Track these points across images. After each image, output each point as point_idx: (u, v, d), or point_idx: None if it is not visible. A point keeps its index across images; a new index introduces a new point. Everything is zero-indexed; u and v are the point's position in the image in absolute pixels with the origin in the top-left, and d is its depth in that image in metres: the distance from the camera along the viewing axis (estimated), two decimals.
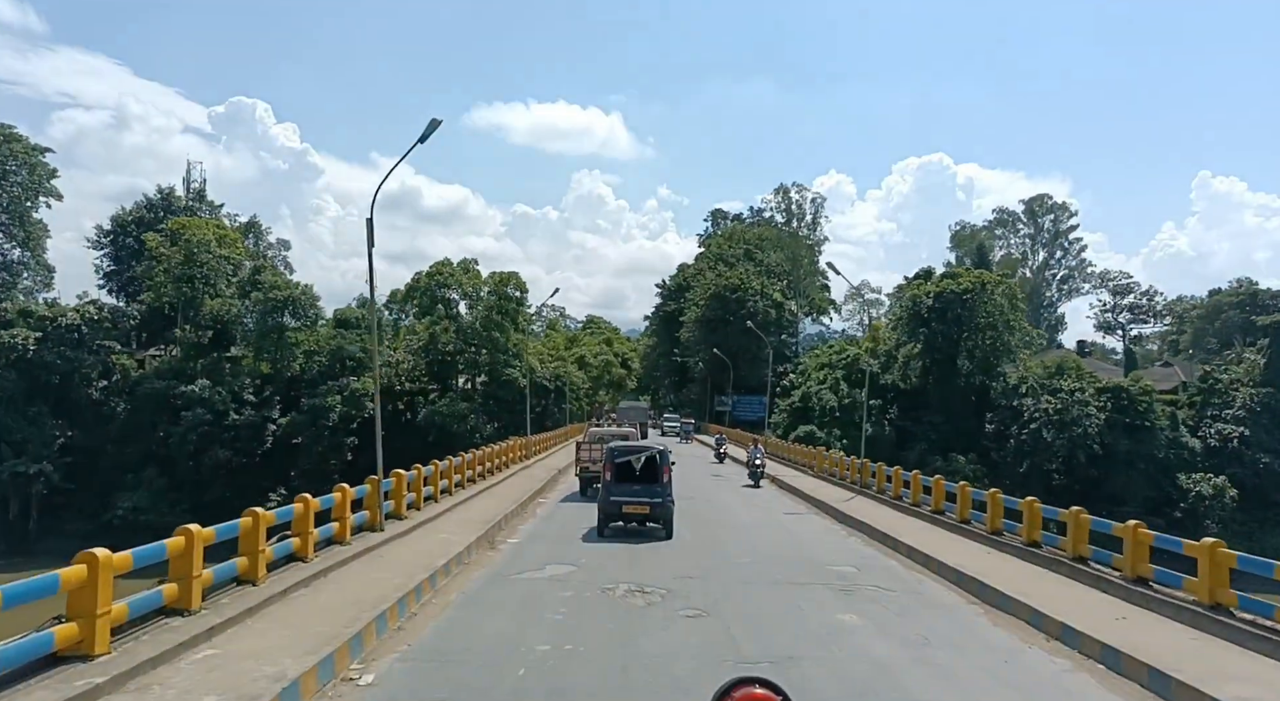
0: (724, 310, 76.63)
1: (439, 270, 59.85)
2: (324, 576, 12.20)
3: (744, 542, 18.55)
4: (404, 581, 12.01)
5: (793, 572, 15.07)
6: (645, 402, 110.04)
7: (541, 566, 14.97)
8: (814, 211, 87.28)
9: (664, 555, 16.38)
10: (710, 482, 32.43)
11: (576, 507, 24.38)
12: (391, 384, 63.55)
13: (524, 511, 22.39)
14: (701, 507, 24.29)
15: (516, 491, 25.03)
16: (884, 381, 72.01)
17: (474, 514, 19.65)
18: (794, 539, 19.45)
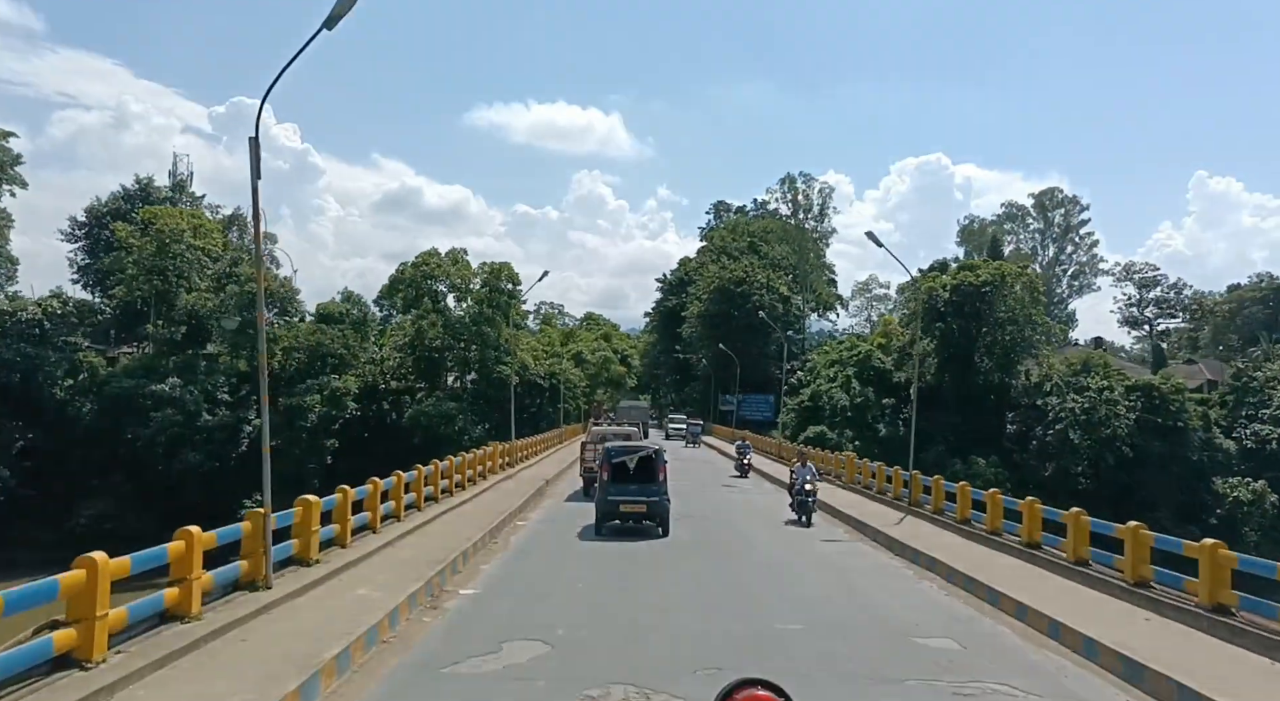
0: (728, 305, 71.54)
1: (425, 261, 54.75)
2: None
3: (782, 590, 13.36)
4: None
5: (868, 653, 10.01)
6: (645, 402, 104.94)
7: (496, 646, 9.71)
8: (821, 202, 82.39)
9: (680, 622, 11.12)
10: (732, 505, 25.87)
11: (564, 522, 20.41)
12: (376, 382, 58.23)
13: (494, 539, 17.13)
14: (726, 537, 19.46)
15: (489, 510, 19.91)
16: (897, 379, 66.85)
17: (421, 549, 14.52)
18: (849, 584, 14.28)
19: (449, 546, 14.97)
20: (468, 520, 18.75)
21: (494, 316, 56.53)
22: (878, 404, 64.86)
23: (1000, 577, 13.72)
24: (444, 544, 15.14)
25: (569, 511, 22.95)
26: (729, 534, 20.10)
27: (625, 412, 67.45)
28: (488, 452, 26.41)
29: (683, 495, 22.62)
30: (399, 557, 14.10)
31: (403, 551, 14.69)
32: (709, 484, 29.71)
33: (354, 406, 57.20)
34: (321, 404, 54.80)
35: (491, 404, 56.92)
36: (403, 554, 14.45)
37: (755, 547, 18.20)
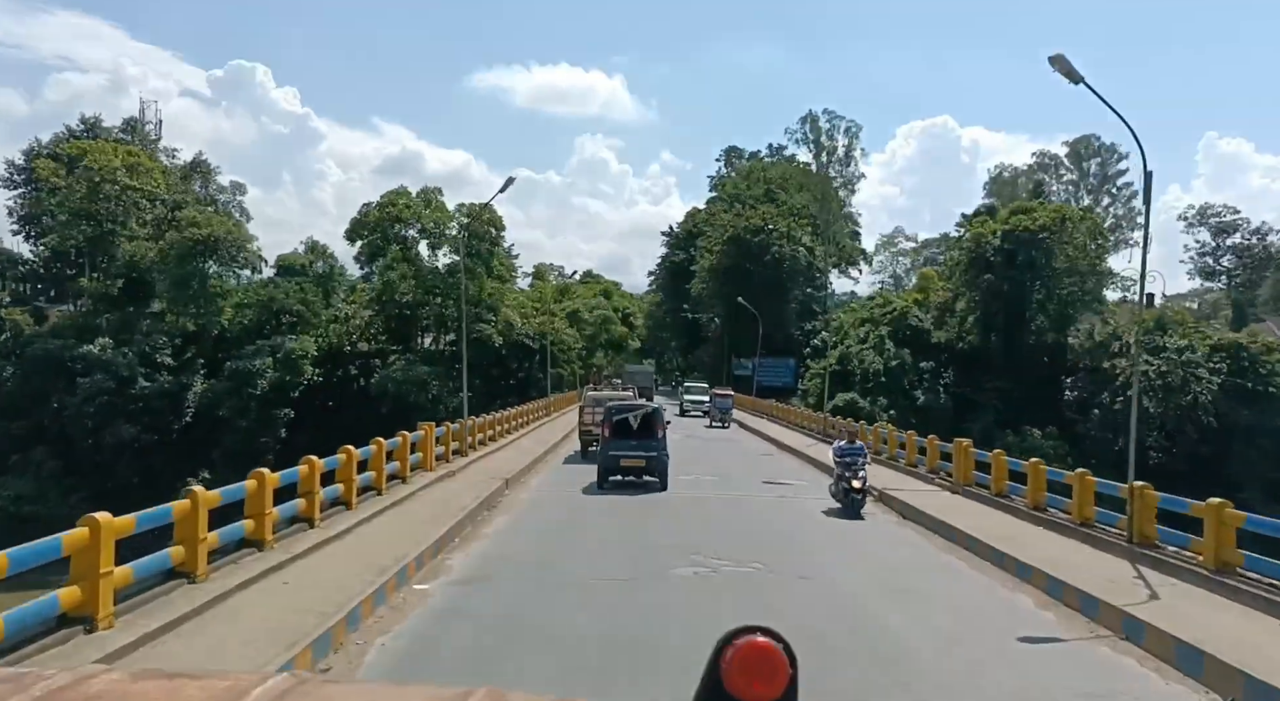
0: (744, 257, 63.83)
1: (392, 201, 47.02)
2: None
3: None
4: None
5: None
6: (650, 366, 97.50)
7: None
8: (847, 143, 73.99)
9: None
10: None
11: (538, 528, 14.73)
12: (340, 344, 50.69)
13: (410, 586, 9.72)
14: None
15: (416, 529, 12.18)
16: (937, 340, 59.26)
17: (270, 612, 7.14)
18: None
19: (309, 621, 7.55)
20: (363, 556, 11.20)
21: (474, 267, 48.81)
22: (914, 367, 57.36)
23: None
24: (293, 623, 7.72)
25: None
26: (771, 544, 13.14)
27: (629, 377, 61.74)
28: (422, 438, 18.51)
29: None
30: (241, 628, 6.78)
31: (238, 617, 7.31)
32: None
33: (314, 371, 49.81)
34: (274, 368, 47.32)
35: (472, 368, 49.34)
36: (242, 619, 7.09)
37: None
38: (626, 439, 19.41)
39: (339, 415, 51.92)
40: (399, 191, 47.35)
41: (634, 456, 19.14)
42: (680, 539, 12.77)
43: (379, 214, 46.16)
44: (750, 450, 31.02)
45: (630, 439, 19.41)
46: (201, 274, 49.80)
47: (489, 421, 26.27)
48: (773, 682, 1.25)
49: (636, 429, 19.54)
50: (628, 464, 19.12)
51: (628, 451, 19.16)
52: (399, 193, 47.30)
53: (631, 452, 19.16)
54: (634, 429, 19.53)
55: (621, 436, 19.43)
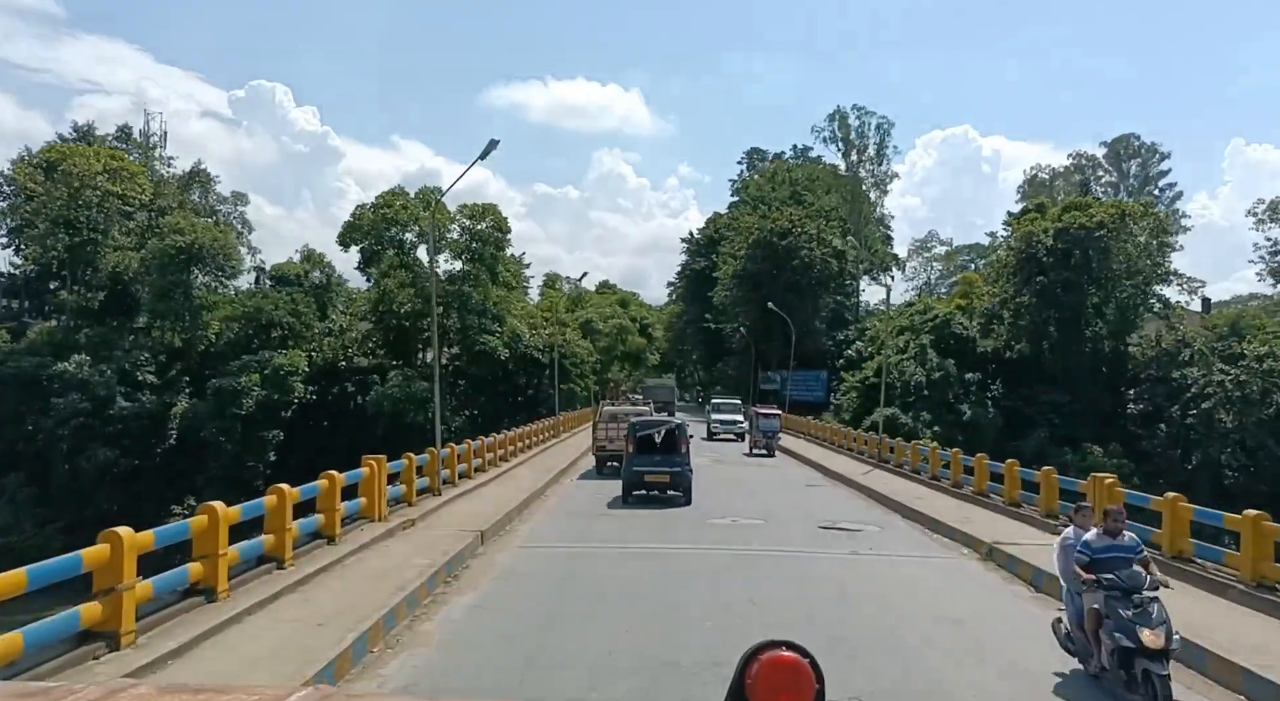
0: (770, 262, 59.55)
1: (388, 202, 43.05)
2: None
3: None
4: None
5: None
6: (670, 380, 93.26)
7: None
8: (879, 140, 69.44)
9: None
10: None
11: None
12: (335, 359, 46.75)
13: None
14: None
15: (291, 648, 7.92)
16: (983, 349, 54.66)
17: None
18: None
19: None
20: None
21: (478, 273, 44.87)
22: (960, 379, 52.71)
23: None
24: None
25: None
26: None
27: (650, 392, 59.19)
28: (364, 480, 14.12)
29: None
30: None
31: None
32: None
33: (306, 389, 45.93)
34: (261, 386, 43.48)
35: (475, 383, 45.45)
36: None
37: None
38: (650, 454, 19.74)
39: (334, 436, 48.15)
40: (395, 192, 43.59)
41: (658, 472, 19.36)
42: (726, 643, 7.95)
43: (373, 216, 42.37)
44: (792, 479, 26.09)
45: (654, 454, 19.78)
46: (185, 285, 46.15)
47: (480, 447, 22.05)
48: (799, 697, 1.23)
49: (660, 445, 20.06)
50: (652, 479, 19.36)
51: (651, 467, 19.41)
52: (395, 193, 43.52)
53: (655, 468, 19.40)
54: (657, 445, 20.02)
55: (645, 452, 19.75)
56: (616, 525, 15.88)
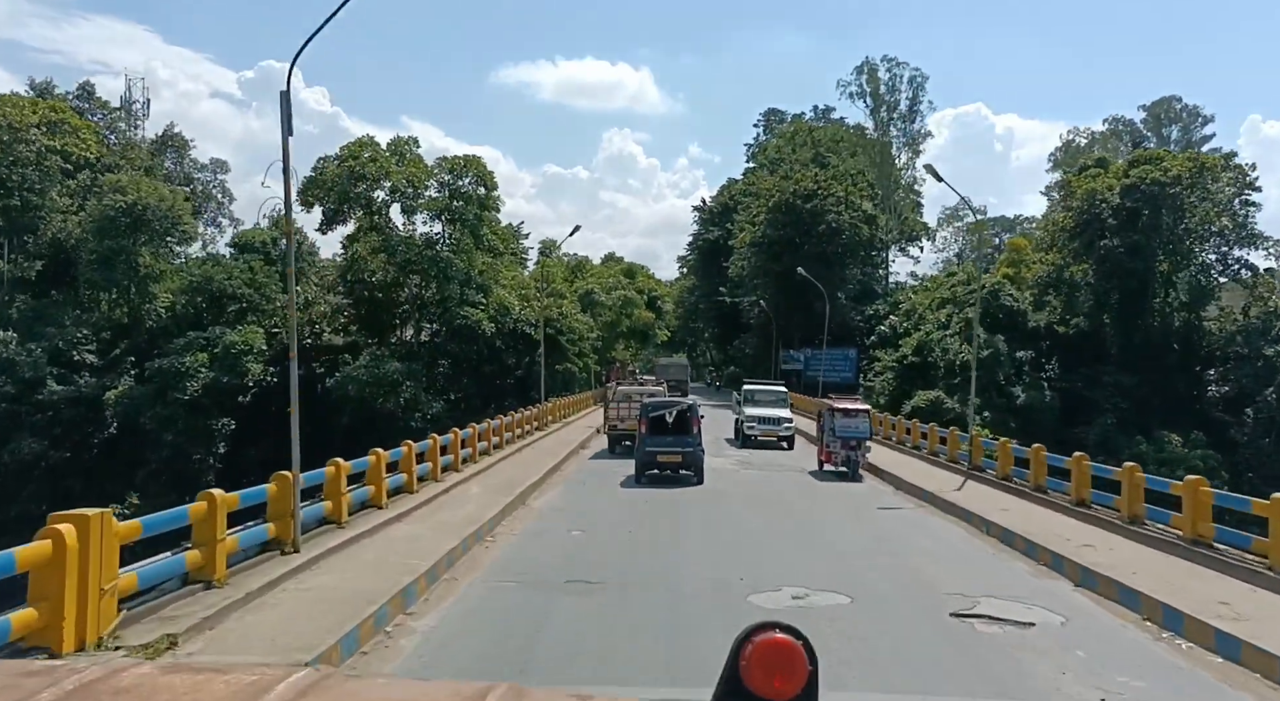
0: (793, 228, 53.25)
1: (353, 154, 36.65)
2: None
3: None
4: None
5: None
6: (683, 358, 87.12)
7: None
8: (911, 95, 62.74)
9: None
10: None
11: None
12: (302, 335, 40.45)
13: None
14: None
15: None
16: (1035, 323, 48.29)
17: None
18: None
19: None
20: None
21: (459, 236, 38.66)
22: (1011, 358, 46.32)
23: None
24: None
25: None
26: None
27: (662, 371, 56.03)
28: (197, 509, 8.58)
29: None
30: None
31: None
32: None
33: (265, 370, 39.91)
34: (210, 368, 37.51)
35: (456, 364, 39.35)
36: None
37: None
38: (663, 435, 19.85)
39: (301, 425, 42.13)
40: (363, 141, 37.32)
41: (670, 452, 19.59)
42: None
43: (338, 170, 36.22)
44: (857, 497, 18.06)
45: (666, 435, 19.85)
46: (127, 251, 40.11)
47: (430, 450, 15.88)
48: (792, 679, 1.24)
49: (672, 425, 19.99)
50: (664, 459, 19.60)
51: (664, 447, 19.63)
52: (363, 143, 37.26)
53: (668, 448, 19.62)
54: (669, 425, 19.98)
55: (658, 432, 19.86)
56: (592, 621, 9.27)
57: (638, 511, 15.05)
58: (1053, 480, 17.36)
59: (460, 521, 12.37)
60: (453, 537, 11.07)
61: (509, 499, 14.43)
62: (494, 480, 16.96)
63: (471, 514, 12.87)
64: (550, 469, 19.59)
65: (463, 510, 13.31)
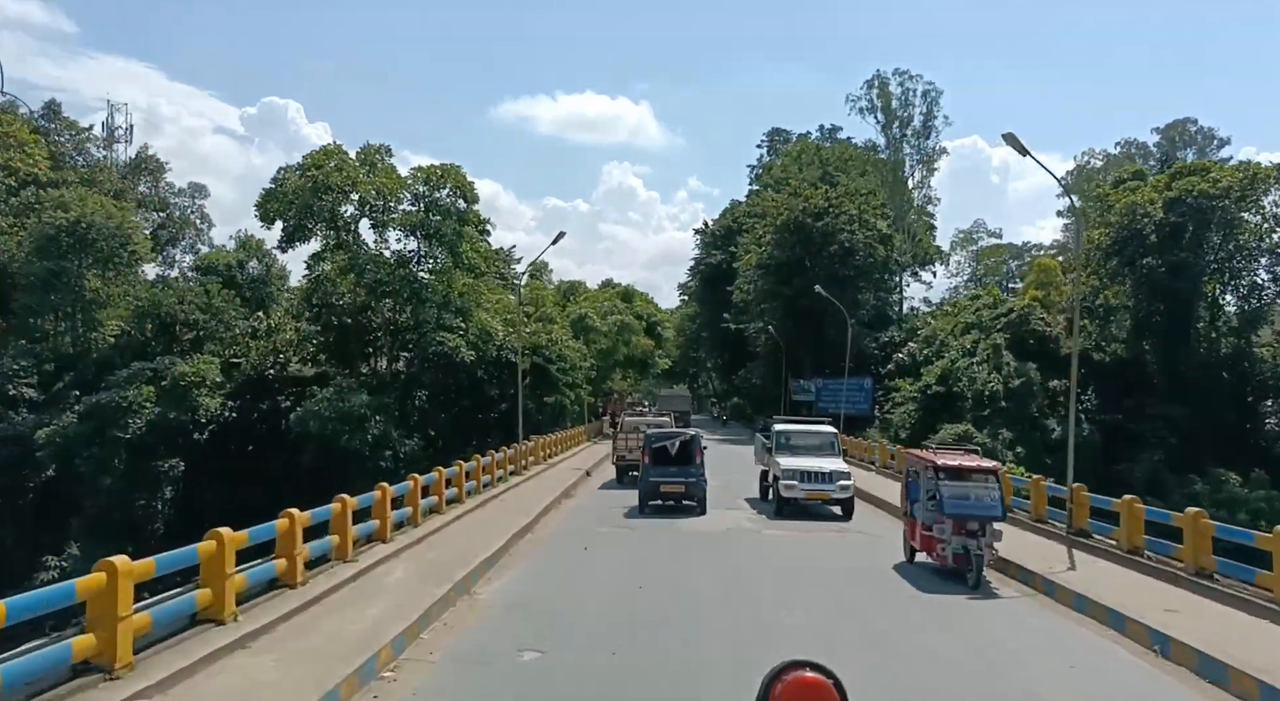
0: (803, 247, 49.55)
1: (318, 163, 32.81)
2: None
3: None
4: None
5: None
6: (684, 389, 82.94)
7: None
8: (925, 110, 59.23)
9: None
10: None
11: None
12: (262, 367, 36.73)
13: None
14: None
15: None
16: (1068, 350, 43.99)
17: None
18: None
19: None
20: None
21: (436, 254, 34.74)
22: (1043, 387, 42.23)
23: None
24: None
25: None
26: None
27: (665, 402, 55.70)
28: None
29: None
30: None
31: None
32: None
33: (223, 405, 35.91)
34: (157, 403, 33.45)
35: (433, 397, 35.26)
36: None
37: None
38: (666, 466, 19.92)
39: (260, 465, 38.19)
40: (329, 149, 33.51)
41: (674, 482, 19.70)
42: None
43: (300, 181, 32.40)
44: (995, 634, 10.33)
45: (670, 465, 19.91)
46: (70, 274, 36.18)
47: (336, 518, 11.51)
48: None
49: (675, 455, 20.00)
50: (668, 489, 19.73)
51: (668, 477, 19.73)
52: (329, 151, 33.42)
53: (671, 478, 19.71)
54: (673, 455, 19.99)
55: (661, 463, 19.93)
56: None
57: (632, 617, 10.23)
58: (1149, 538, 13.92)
59: (347, 643, 8.12)
60: (312, 690, 6.79)
61: (442, 591, 10.19)
62: (434, 554, 12.68)
63: (365, 632, 8.54)
64: (518, 532, 15.34)
65: (359, 621, 9.00)
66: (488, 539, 13.91)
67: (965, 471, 13.16)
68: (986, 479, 13.15)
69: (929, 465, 13.49)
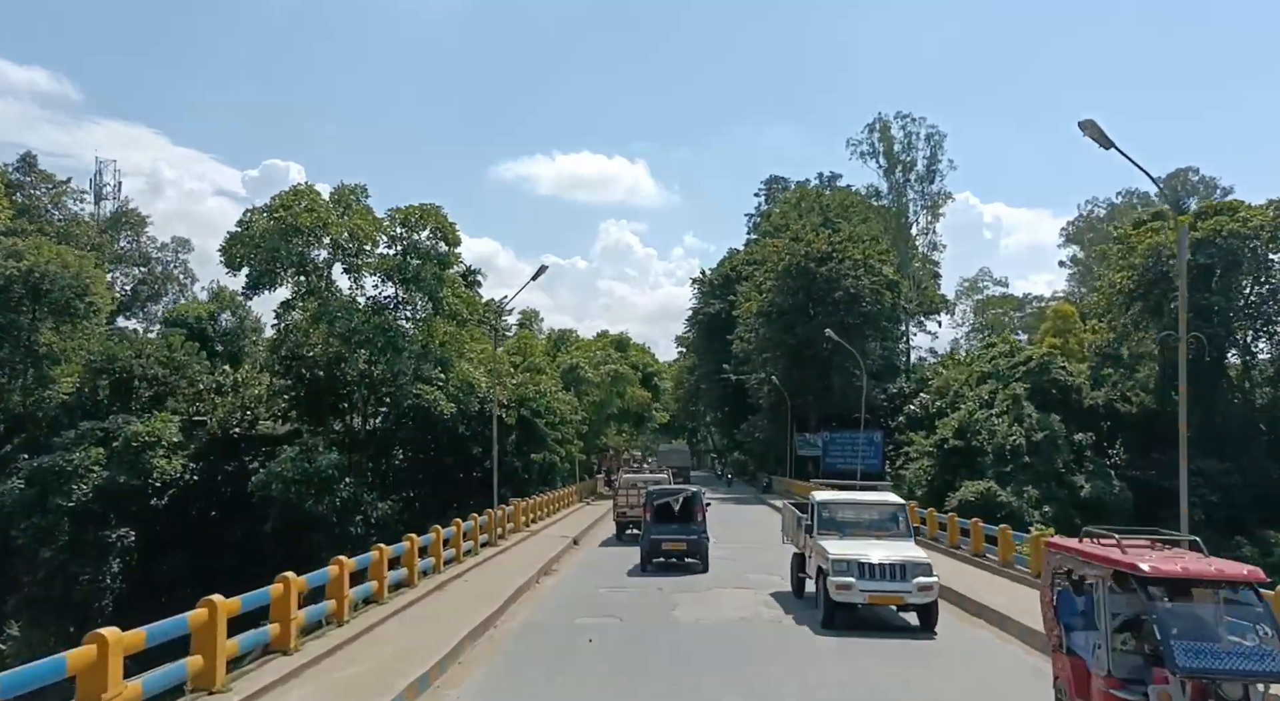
0: (806, 293, 47.15)
1: (287, 204, 30.48)
2: None
3: None
4: None
5: None
6: (683, 444, 79.97)
7: None
8: (929, 153, 57.42)
9: None
10: None
11: None
12: (228, 425, 33.92)
13: None
14: None
15: None
16: (1091, 402, 41.55)
17: None
18: None
19: None
20: None
21: (415, 299, 32.24)
22: (1068, 440, 39.44)
23: None
24: None
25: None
26: None
27: (664, 457, 55.15)
28: None
29: None
30: None
31: None
32: None
33: (182, 467, 33.01)
34: (107, 467, 30.54)
35: (412, 456, 32.45)
36: None
37: None
38: (668, 523, 19.99)
39: (224, 531, 35.16)
40: (298, 190, 31.18)
41: (676, 539, 19.60)
42: None
43: (267, 224, 30.05)
44: None
45: (672, 522, 20.00)
46: (21, 327, 33.57)
47: (198, 626, 8.62)
48: None
49: (678, 513, 20.19)
50: (670, 547, 19.60)
51: (670, 535, 19.66)
52: (299, 191, 31.10)
53: (673, 536, 19.64)
54: (675, 513, 20.19)
55: (663, 520, 20.03)
56: None
57: None
58: None
59: None
60: None
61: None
62: (352, 669, 9.68)
63: None
64: (475, 629, 12.29)
65: None
66: (430, 641, 10.95)
67: (1200, 584, 7.06)
68: (1239, 593, 6.94)
69: (1111, 567, 7.29)
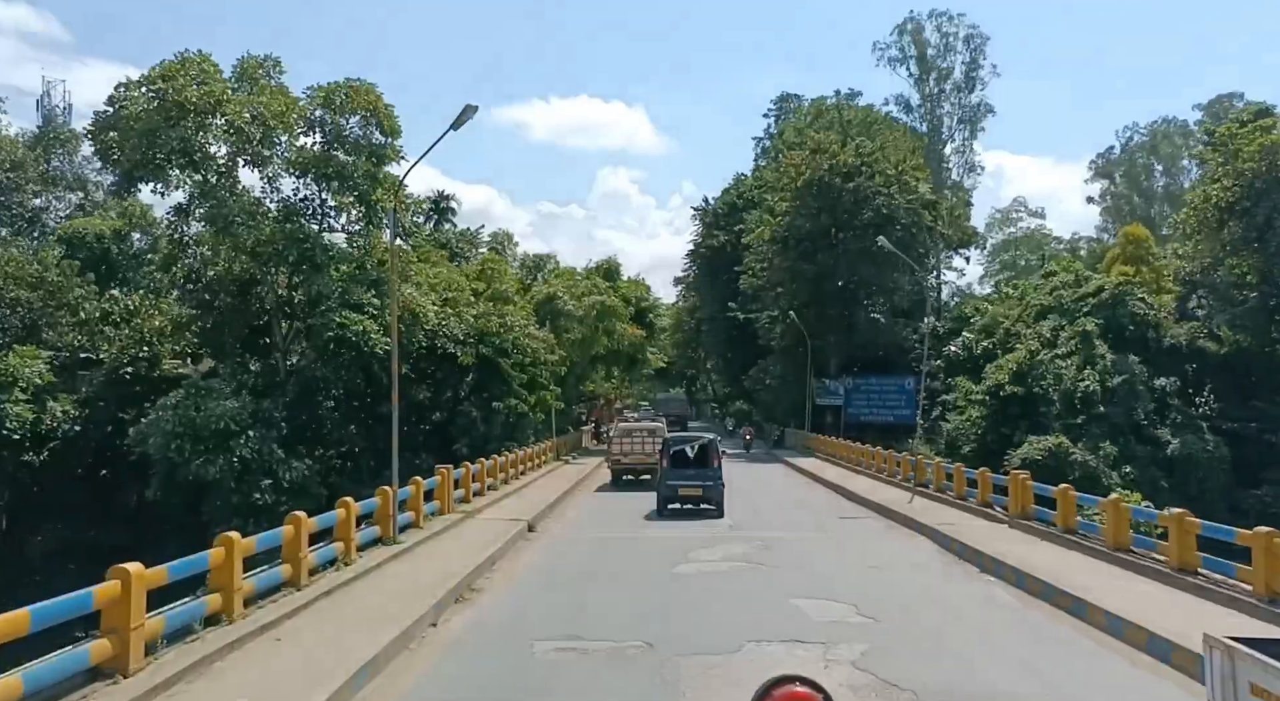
0: (830, 213, 39.93)
1: (174, 72, 23.12)
2: None
3: None
4: None
5: None
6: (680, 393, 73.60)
7: None
8: (969, 58, 49.58)
9: None
10: None
11: None
12: (120, 362, 27.06)
13: None
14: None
15: None
16: (1174, 340, 34.79)
17: None
18: None
19: None
20: None
21: (345, 205, 25.12)
22: (1149, 387, 32.76)
23: None
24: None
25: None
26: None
27: (662, 405, 54.21)
28: None
29: None
30: None
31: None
32: None
33: (58, 417, 26.30)
34: None
35: (345, 400, 25.67)
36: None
37: None
38: (684, 469, 20.49)
39: (119, 496, 28.70)
40: (186, 58, 23.84)
41: (692, 485, 20.16)
42: None
43: (144, 102, 22.78)
44: None
45: (688, 469, 20.50)
46: None
47: None
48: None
49: (693, 459, 20.61)
50: (686, 493, 20.17)
51: (686, 481, 20.21)
52: (188, 60, 23.76)
53: (689, 482, 20.19)
54: (690, 459, 20.60)
55: (680, 466, 20.52)
56: None
57: None
58: None
59: None
60: None
61: None
62: None
63: None
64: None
65: None
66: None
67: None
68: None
69: None
